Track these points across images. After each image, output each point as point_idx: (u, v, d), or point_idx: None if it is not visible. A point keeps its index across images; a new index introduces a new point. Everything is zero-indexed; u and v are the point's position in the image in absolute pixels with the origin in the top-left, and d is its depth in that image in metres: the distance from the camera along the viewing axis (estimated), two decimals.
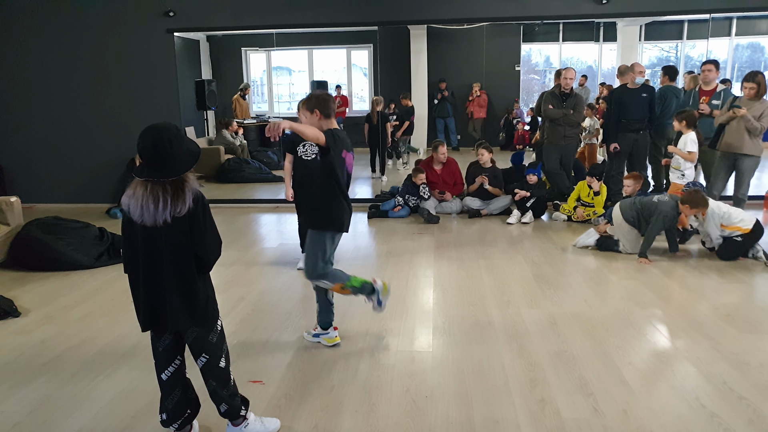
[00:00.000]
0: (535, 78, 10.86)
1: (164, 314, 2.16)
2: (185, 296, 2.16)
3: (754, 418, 2.52)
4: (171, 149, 2.03)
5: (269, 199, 7.67)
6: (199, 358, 2.28)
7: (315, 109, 3.08)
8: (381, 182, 8.45)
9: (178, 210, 2.05)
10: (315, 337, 3.37)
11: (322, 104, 3.08)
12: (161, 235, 2.08)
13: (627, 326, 3.52)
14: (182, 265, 2.14)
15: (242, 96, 10.08)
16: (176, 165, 2.05)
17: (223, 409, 2.36)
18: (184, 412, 2.34)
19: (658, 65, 9.75)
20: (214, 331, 2.27)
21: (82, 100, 7.38)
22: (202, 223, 2.14)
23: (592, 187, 6.20)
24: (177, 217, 2.06)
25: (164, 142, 2.02)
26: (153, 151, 2.02)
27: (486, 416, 2.57)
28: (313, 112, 3.09)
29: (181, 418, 2.34)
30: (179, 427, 2.36)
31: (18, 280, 4.62)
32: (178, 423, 2.34)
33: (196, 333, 2.23)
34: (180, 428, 2.37)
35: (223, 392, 2.32)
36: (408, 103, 9.08)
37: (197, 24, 7.24)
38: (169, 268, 2.12)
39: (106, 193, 7.49)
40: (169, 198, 2.03)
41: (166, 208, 2.03)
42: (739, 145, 5.31)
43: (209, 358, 2.27)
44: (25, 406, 2.73)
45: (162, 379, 2.29)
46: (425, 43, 9.48)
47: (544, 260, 4.90)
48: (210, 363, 2.28)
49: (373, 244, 5.58)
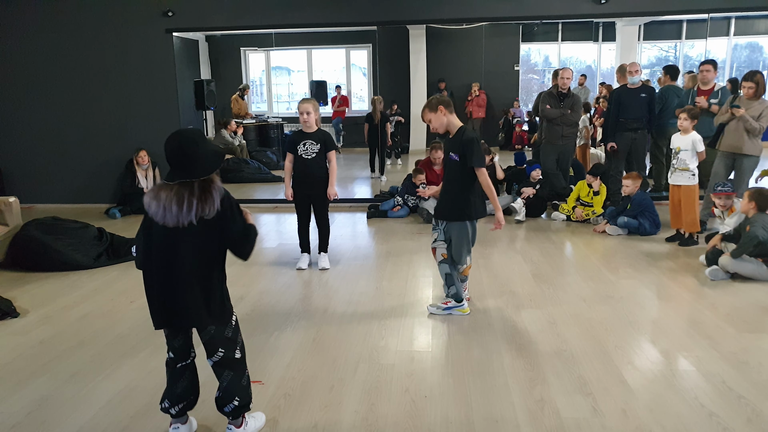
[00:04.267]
0: (534, 78, 10.87)
1: (180, 313, 2.17)
2: (203, 295, 2.17)
3: (753, 417, 2.52)
4: (198, 150, 2.09)
5: (268, 199, 7.67)
6: (215, 354, 2.28)
7: (439, 106, 3.50)
8: (380, 182, 8.45)
9: (206, 212, 2.07)
10: (446, 310, 3.73)
11: (444, 102, 3.52)
12: (183, 236, 2.10)
13: (626, 326, 3.53)
14: (202, 266, 2.16)
15: (241, 96, 10.08)
16: (204, 165, 2.11)
17: (230, 407, 2.33)
18: (188, 396, 2.38)
19: (657, 65, 9.77)
20: (229, 326, 2.30)
21: (81, 100, 7.38)
22: (232, 221, 2.16)
23: (592, 187, 6.21)
24: (203, 218, 2.08)
25: (191, 143, 2.09)
26: (180, 152, 2.08)
27: (485, 416, 2.57)
28: (437, 110, 3.50)
29: (183, 402, 2.37)
30: (179, 412, 2.38)
31: (17, 280, 4.61)
32: (179, 407, 2.37)
33: (213, 331, 2.24)
34: (180, 414, 2.38)
35: (240, 382, 2.33)
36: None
37: (196, 24, 7.24)
38: (189, 268, 2.14)
39: (105, 193, 7.49)
40: (195, 200, 2.05)
41: (191, 209, 2.05)
42: (738, 145, 5.31)
43: (225, 353, 2.29)
44: (24, 406, 2.73)
45: (177, 368, 2.34)
46: (424, 42, 9.48)
47: (544, 260, 4.90)
48: (226, 357, 2.30)
49: (373, 244, 5.58)
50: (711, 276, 4.33)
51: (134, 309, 3.93)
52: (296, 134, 4.62)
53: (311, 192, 4.63)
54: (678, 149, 5.16)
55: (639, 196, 5.66)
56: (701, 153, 5.11)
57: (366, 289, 4.26)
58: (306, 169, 4.58)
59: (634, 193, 5.67)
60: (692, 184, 5.14)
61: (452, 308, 3.72)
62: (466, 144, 3.42)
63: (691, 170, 5.12)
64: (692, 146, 5.07)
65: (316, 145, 4.55)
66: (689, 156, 5.10)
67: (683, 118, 5.12)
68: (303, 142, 4.55)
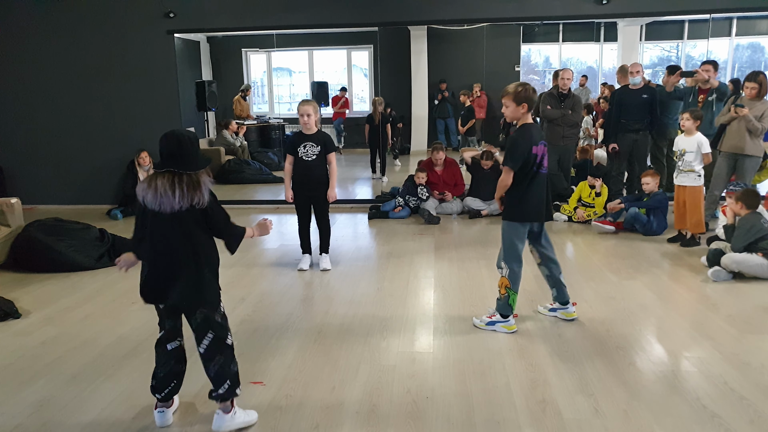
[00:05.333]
0: (534, 78, 10.85)
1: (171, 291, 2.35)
2: (193, 278, 2.35)
3: (755, 419, 2.51)
4: (191, 147, 2.33)
5: (270, 200, 7.66)
6: (206, 337, 2.41)
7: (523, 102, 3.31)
8: (382, 183, 8.45)
9: (196, 200, 2.28)
10: (551, 312, 3.72)
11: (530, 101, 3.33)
12: (173, 222, 2.30)
13: (628, 326, 3.52)
14: (190, 250, 2.34)
15: (243, 97, 10.09)
16: (194, 161, 2.33)
17: (223, 389, 2.43)
18: (170, 382, 2.51)
19: (659, 65, 9.74)
20: (218, 311, 2.43)
21: (83, 101, 7.39)
22: (217, 214, 2.39)
23: (594, 188, 6.20)
24: (193, 207, 2.29)
25: (186, 140, 2.34)
26: (178, 146, 2.30)
27: (487, 417, 2.57)
28: (520, 105, 3.32)
29: (167, 388, 2.51)
30: (165, 396, 2.52)
31: (19, 281, 4.62)
32: (164, 392, 2.51)
33: (204, 314, 2.39)
34: (165, 398, 2.53)
35: (230, 367, 2.46)
36: (466, 101, 9.09)
37: (197, 25, 7.25)
38: (178, 251, 2.33)
39: (106, 194, 7.50)
40: (185, 186, 2.26)
41: (183, 195, 2.25)
42: (740, 146, 5.30)
43: (215, 335, 2.42)
44: (26, 407, 2.73)
45: (167, 349, 2.49)
46: (425, 43, 9.47)
47: None
48: (217, 339, 2.42)
49: (374, 245, 5.58)
50: (713, 277, 4.32)
51: (136, 310, 3.93)
52: (296, 136, 4.62)
53: (312, 193, 4.63)
54: (683, 151, 5.15)
55: (660, 195, 5.64)
56: (707, 155, 5.09)
57: (367, 290, 4.26)
58: (307, 171, 4.58)
59: (654, 190, 5.64)
60: (698, 185, 5.13)
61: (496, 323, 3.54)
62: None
63: (697, 171, 5.11)
64: (697, 148, 5.06)
65: (317, 147, 4.55)
66: (694, 157, 5.09)
67: (686, 119, 5.12)
68: (303, 144, 4.55)
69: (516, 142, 3.32)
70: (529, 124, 3.37)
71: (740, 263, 4.26)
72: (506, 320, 3.50)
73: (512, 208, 3.43)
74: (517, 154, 3.30)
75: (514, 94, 3.30)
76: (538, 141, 3.34)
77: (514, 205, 3.42)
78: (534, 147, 3.30)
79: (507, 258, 3.46)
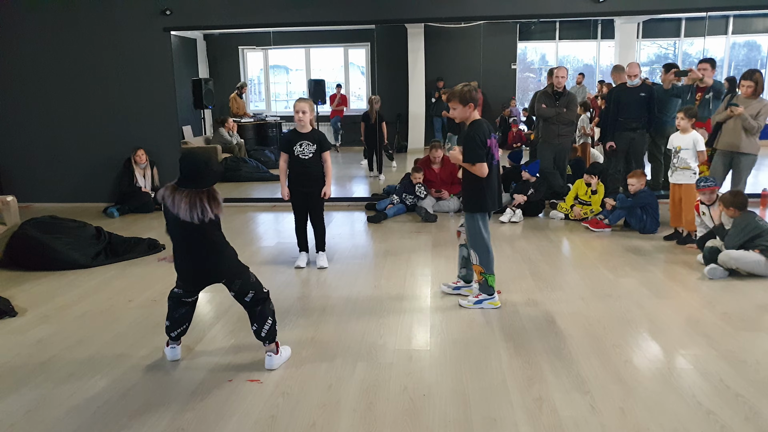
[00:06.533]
0: (531, 76, 10.87)
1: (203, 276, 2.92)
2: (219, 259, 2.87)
3: (751, 416, 2.52)
4: (206, 169, 2.73)
5: (266, 198, 7.66)
6: (247, 296, 2.93)
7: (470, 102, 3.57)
8: (379, 181, 8.45)
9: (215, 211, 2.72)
10: (455, 289, 4.00)
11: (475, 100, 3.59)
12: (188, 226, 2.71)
13: (624, 324, 3.53)
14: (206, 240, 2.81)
15: (239, 95, 10.07)
16: (208, 180, 2.75)
17: (267, 325, 2.95)
18: (183, 323, 3.05)
19: (656, 62, 9.77)
20: (250, 275, 2.98)
21: (79, 98, 7.37)
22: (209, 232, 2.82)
23: (591, 186, 6.21)
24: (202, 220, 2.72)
25: (202, 164, 2.72)
26: (196, 169, 2.71)
27: (483, 414, 2.57)
28: (467, 105, 3.57)
29: (180, 328, 3.05)
30: (177, 336, 3.07)
31: (14, 279, 4.60)
32: (176, 332, 3.04)
33: (241, 281, 2.91)
34: (177, 338, 3.08)
35: (269, 307, 2.99)
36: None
37: (194, 22, 7.23)
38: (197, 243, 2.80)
39: (103, 192, 7.48)
40: (206, 201, 2.69)
41: (205, 211, 2.67)
42: (736, 144, 5.32)
43: (255, 293, 2.95)
44: (22, 406, 2.72)
45: (181, 301, 3.00)
46: (423, 41, 9.48)
47: (542, 258, 4.90)
48: (257, 295, 2.96)
49: (371, 243, 5.58)
50: (709, 275, 4.33)
51: (132, 308, 3.93)
52: (291, 134, 4.60)
53: (309, 191, 4.63)
54: (678, 148, 5.16)
55: (645, 192, 5.66)
56: (702, 153, 5.10)
57: (364, 288, 4.26)
58: (303, 169, 4.57)
59: (639, 190, 5.67)
60: (693, 182, 5.14)
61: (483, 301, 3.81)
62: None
63: (692, 169, 5.12)
64: (693, 145, 5.07)
65: (312, 146, 4.54)
66: (690, 155, 5.10)
67: (681, 118, 5.13)
68: (299, 143, 4.54)
69: (473, 137, 3.54)
70: (479, 120, 3.62)
71: (738, 260, 4.27)
72: (491, 296, 3.79)
73: (474, 201, 3.70)
74: (478, 148, 3.53)
75: (460, 95, 3.55)
76: (489, 134, 3.58)
77: (475, 198, 3.68)
78: (488, 140, 3.56)
79: (475, 247, 3.75)
